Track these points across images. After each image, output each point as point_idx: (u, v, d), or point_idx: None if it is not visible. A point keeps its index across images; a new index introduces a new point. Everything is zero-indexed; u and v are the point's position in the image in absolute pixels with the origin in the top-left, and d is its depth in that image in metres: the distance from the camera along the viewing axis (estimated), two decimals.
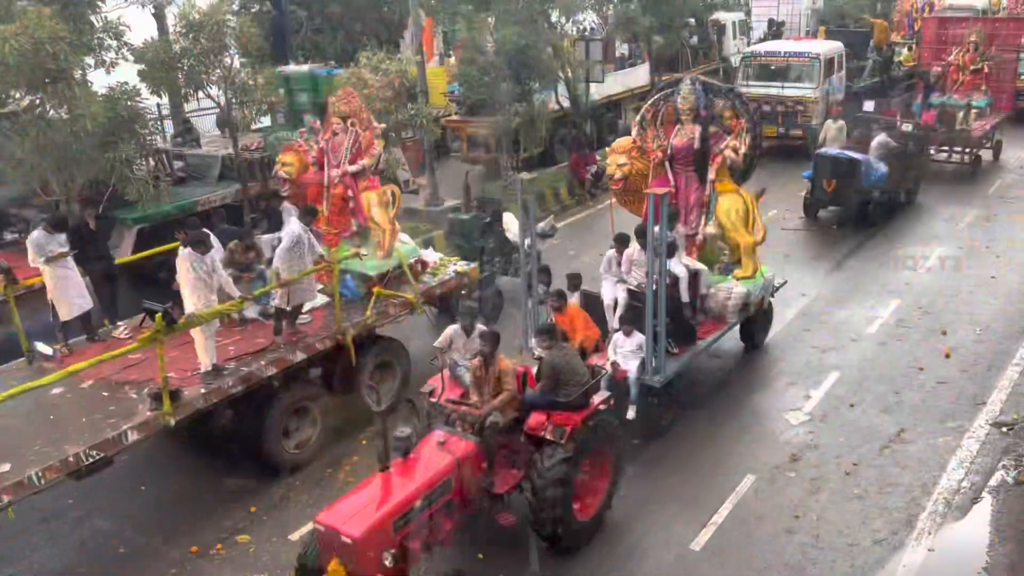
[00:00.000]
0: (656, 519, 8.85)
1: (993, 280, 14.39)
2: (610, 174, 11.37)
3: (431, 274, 12.00)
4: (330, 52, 28.76)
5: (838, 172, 16.61)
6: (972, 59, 21.20)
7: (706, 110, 11.12)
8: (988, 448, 9.82)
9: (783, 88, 22.40)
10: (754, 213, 11.37)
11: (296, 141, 11.80)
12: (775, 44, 25.95)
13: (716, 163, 11.09)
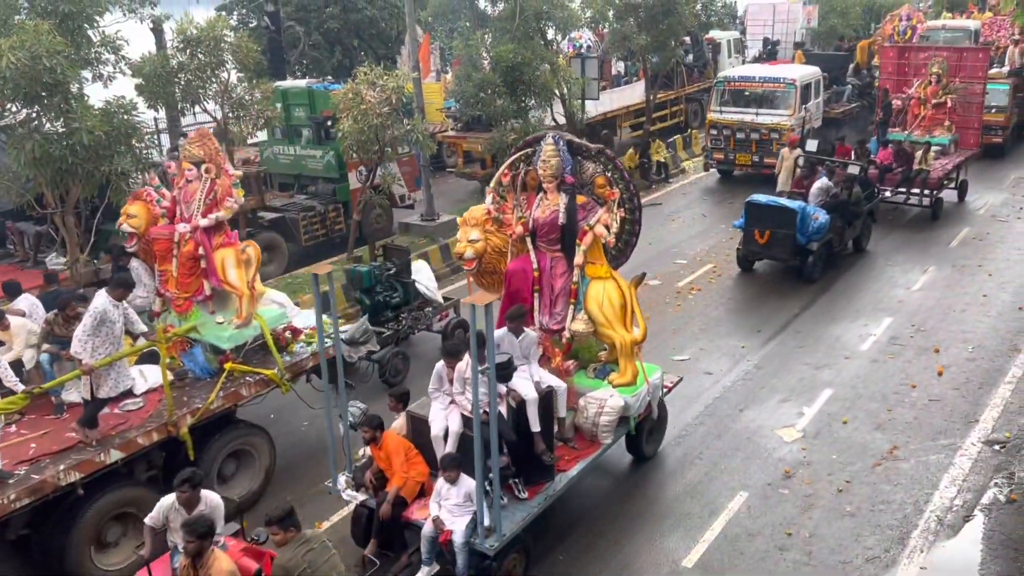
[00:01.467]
0: (648, 536, 8.84)
1: (985, 299, 14.45)
2: (459, 253, 9.29)
3: (305, 342, 10.16)
4: (328, 67, 28.98)
5: (771, 221, 14.92)
6: (935, 92, 19.87)
7: (573, 176, 9.17)
8: (980, 466, 9.83)
9: (757, 115, 21.55)
10: (632, 304, 9.35)
11: (144, 189, 10.29)
12: (749, 69, 25.14)
13: (585, 242, 9.07)
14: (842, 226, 15.69)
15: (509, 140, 18.34)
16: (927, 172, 18.11)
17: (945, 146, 19.46)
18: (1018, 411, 10.93)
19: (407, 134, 15.29)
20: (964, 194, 19.91)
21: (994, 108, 22.43)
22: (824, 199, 15.37)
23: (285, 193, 18.28)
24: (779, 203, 15.03)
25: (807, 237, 14.84)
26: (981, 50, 21.02)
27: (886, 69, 22.06)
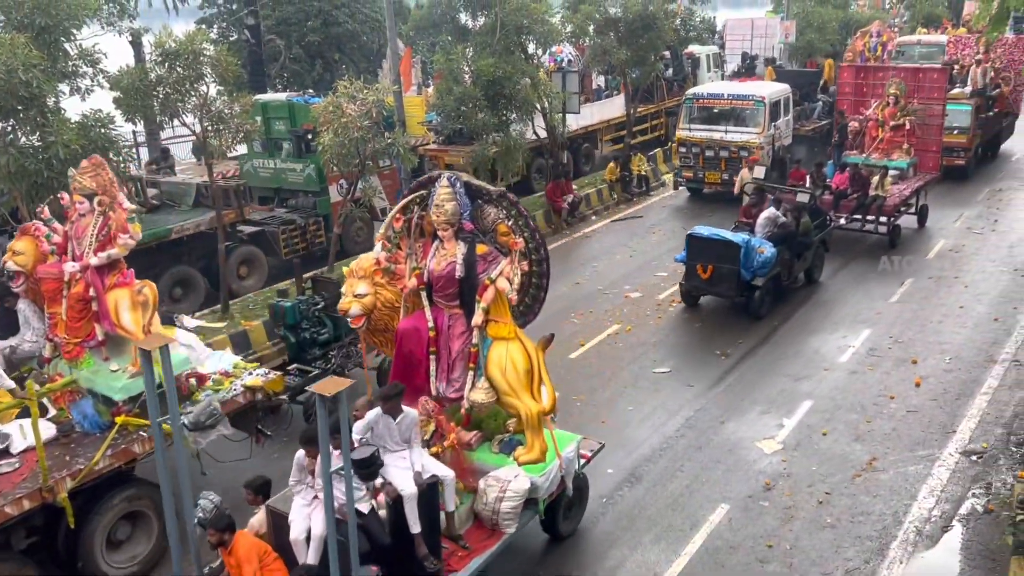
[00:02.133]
0: (630, 548, 8.82)
1: (962, 310, 14.59)
2: (343, 309, 8.26)
3: (212, 390, 9.13)
4: (308, 81, 28.98)
5: (714, 256, 14.06)
6: (892, 113, 19.12)
7: (473, 222, 8.21)
8: (958, 476, 9.90)
9: (727, 132, 21.08)
10: (539, 369, 8.25)
11: (32, 223, 9.45)
12: (718, 86, 24.73)
13: (486, 298, 8.01)
14: (791, 259, 14.85)
15: (491, 153, 18.41)
16: (883, 198, 17.33)
17: (903, 170, 18.79)
18: (994, 421, 11.04)
19: (388, 147, 15.27)
20: (924, 219, 19.20)
21: (956, 129, 21.81)
22: (771, 230, 14.54)
23: (265, 206, 18.20)
24: (722, 236, 14.12)
25: (752, 272, 13.95)
26: (939, 70, 20.08)
27: (843, 89, 21.19)
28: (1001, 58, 25.28)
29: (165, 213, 15.63)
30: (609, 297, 15.71)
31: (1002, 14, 16.97)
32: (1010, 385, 11.96)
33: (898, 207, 17.77)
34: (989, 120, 23.77)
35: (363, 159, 15.05)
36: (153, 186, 16.55)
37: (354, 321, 8.25)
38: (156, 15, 27.91)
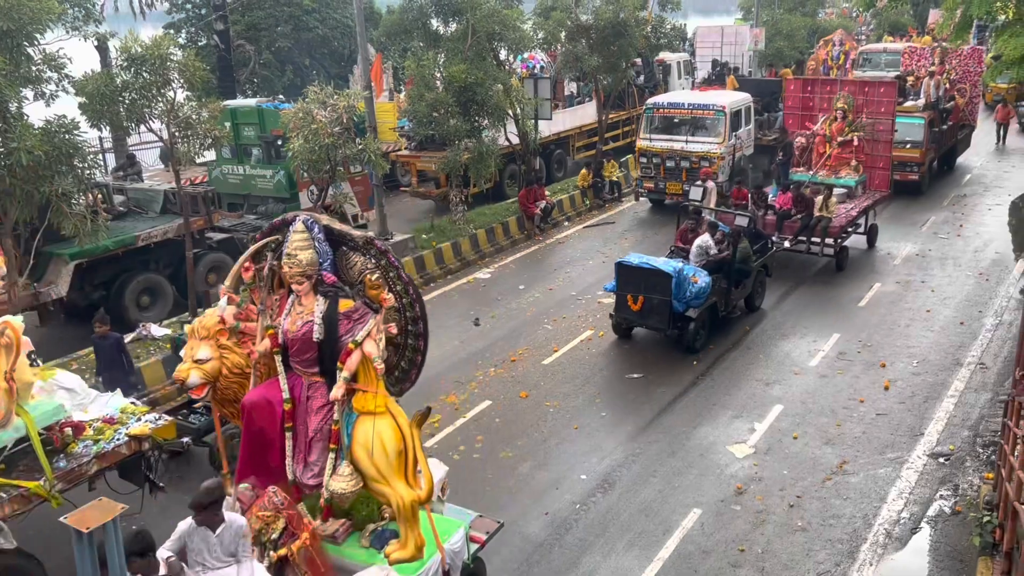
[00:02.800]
0: (604, 555, 8.80)
1: (929, 314, 14.80)
2: (179, 378, 7.04)
3: (92, 440, 7.99)
4: (279, 86, 28.79)
5: (644, 286, 13.11)
6: (840, 129, 18.30)
7: (335, 273, 6.98)
8: (926, 479, 10.01)
9: (687, 142, 20.57)
10: (415, 449, 6.97)
11: None
12: (679, 95, 23.95)
13: (349, 365, 6.68)
14: (727, 287, 13.94)
15: (463, 159, 18.39)
16: (828, 220, 16.40)
17: (852, 188, 18.05)
18: (961, 424, 11.18)
19: (359, 153, 15.19)
20: (874, 240, 18.40)
21: (909, 143, 21.33)
22: (705, 258, 13.67)
23: (234, 213, 18.01)
24: (652, 265, 13.08)
25: (685, 303, 13.03)
26: (888, 83, 19.08)
27: (788, 103, 20.12)
28: (956, 69, 24.98)
29: (132, 220, 15.41)
30: (582, 303, 15.73)
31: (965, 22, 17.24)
32: (976, 388, 12.13)
33: (844, 228, 16.81)
34: (943, 133, 23.27)
35: (334, 165, 14.97)
36: (120, 192, 16.30)
37: (195, 391, 7.01)
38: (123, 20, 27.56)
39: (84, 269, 14.02)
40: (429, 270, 17.48)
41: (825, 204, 16.51)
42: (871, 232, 18.38)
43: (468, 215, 19.62)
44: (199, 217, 15.33)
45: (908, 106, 22.19)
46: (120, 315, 14.49)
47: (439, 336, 14.40)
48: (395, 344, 7.18)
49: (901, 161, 20.88)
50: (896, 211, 18.93)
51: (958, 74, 24.94)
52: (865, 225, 18.09)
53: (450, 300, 16.32)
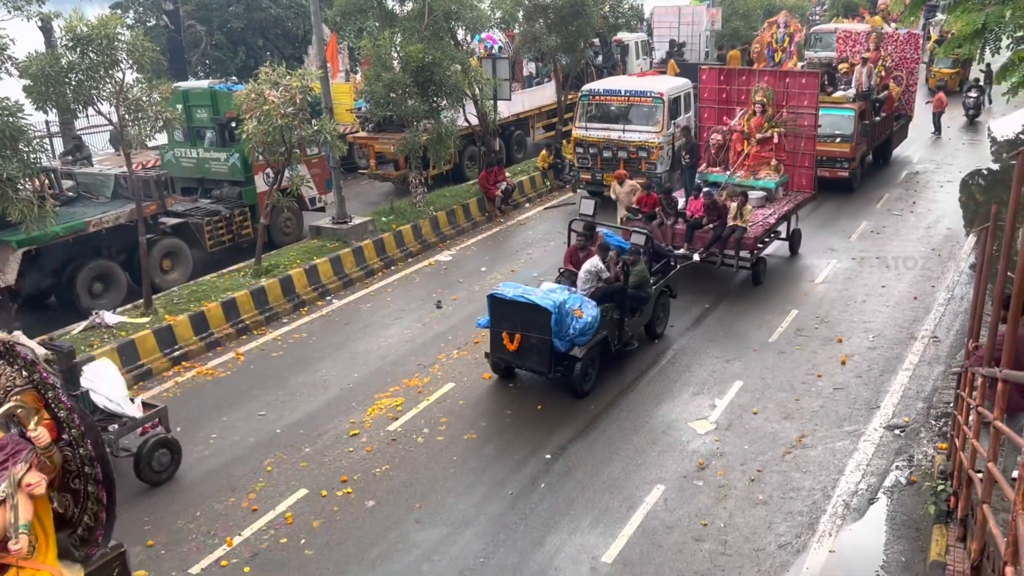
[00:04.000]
0: (568, 532, 8.84)
1: (884, 289, 15.06)
2: None
3: None
4: (232, 68, 28.22)
5: (520, 323, 11.17)
6: (759, 124, 16.65)
7: None
8: (882, 450, 10.22)
9: (624, 131, 19.46)
10: None
11: None
12: (615, 81, 22.22)
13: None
14: (620, 318, 12.00)
15: (422, 141, 18.21)
16: (743, 229, 14.71)
17: (771, 191, 16.55)
18: (916, 396, 11.43)
19: (315, 135, 14.95)
20: (797, 246, 16.89)
21: (838, 137, 19.95)
22: (594, 285, 11.77)
23: (188, 197, 17.66)
24: (528, 300, 11.05)
25: (568, 341, 11.11)
26: (810, 74, 17.35)
27: (704, 96, 17.96)
28: (892, 55, 23.42)
29: (82, 205, 15.02)
30: None
31: (917, 1, 17.43)
32: (929, 360, 12.40)
33: (761, 239, 15.16)
34: (876, 126, 21.69)
35: (289, 147, 14.73)
36: (68, 177, 15.87)
37: None
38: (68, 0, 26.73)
39: (33, 257, 13.64)
40: (390, 253, 17.32)
41: (739, 212, 14.81)
42: (794, 238, 16.80)
43: (428, 197, 19.47)
44: (152, 202, 14.99)
45: (837, 96, 21.03)
46: (72, 303, 14.17)
47: (402, 320, 14.33)
48: (73, 491, 5.40)
49: (830, 157, 19.76)
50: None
51: (894, 61, 23.42)
52: (787, 230, 16.61)
53: (412, 283, 16.20)
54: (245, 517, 9.24)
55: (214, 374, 12.63)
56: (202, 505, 9.48)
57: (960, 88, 31.76)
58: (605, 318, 11.60)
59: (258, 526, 9.07)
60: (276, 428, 11.02)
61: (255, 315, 14.32)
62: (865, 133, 20.76)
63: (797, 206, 16.64)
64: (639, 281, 12.29)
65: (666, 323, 13.46)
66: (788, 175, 16.94)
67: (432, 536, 8.83)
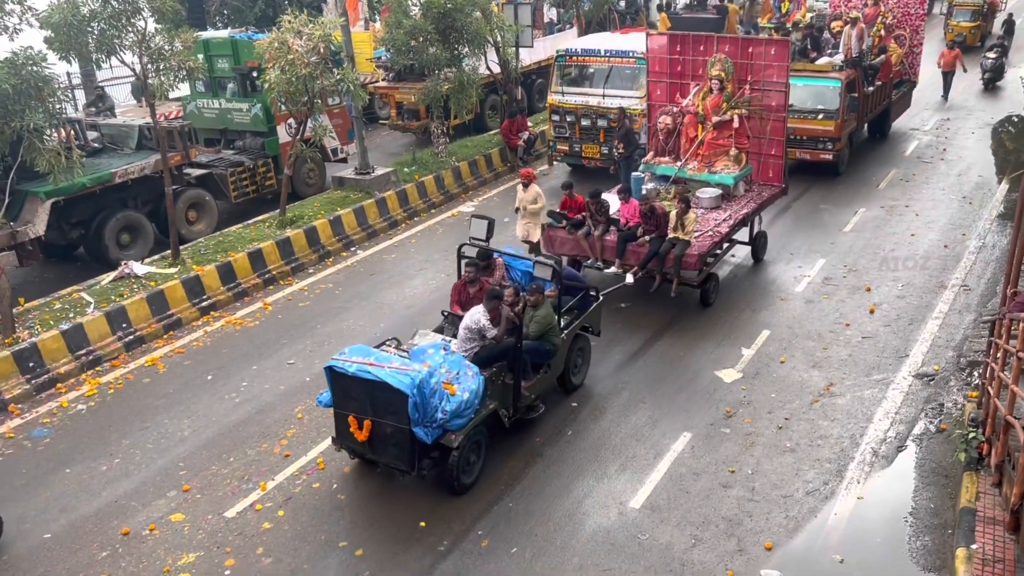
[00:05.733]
0: (596, 479, 8.92)
1: (913, 238, 14.85)
2: None
3: None
4: (250, 17, 27.92)
5: (371, 405, 8.35)
6: (716, 105, 13.52)
7: None
8: (911, 399, 10.17)
9: (604, 97, 17.37)
10: None
11: None
12: (594, 40, 19.75)
13: None
14: (515, 382, 9.20)
15: (443, 90, 18.01)
16: (685, 243, 11.82)
17: (729, 187, 13.51)
18: (945, 345, 11.33)
19: (337, 84, 14.82)
20: (762, 252, 14.06)
21: (821, 113, 17.18)
22: (477, 344, 8.97)
23: (211, 148, 17.64)
24: (376, 377, 8.12)
25: (438, 428, 8.23)
26: (778, 42, 13.75)
27: (652, 68, 14.63)
28: (893, 11, 20.04)
29: (108, 156, 15.04)
30: None
31: None
32: (960, 309, 12.27)
33: (707, 256, 12.18)
34: (870, 97, 18.59)
35: (311, 97, 14.62)
36: (93, 129, 15.87)
37: None
38: None
39: (61, 208, 13.74)
40: (412, 204, 17.27)
41: (680, 222, 11.94)
42: (757, 243, 13.96)
43: (450, 147, 19.33)
44: (176, 153, 14.99)
45: (822, 64, 17.89)
46: (101, 254, 14.29)
47: (426, 271, 14.34)
48: None
49: (811, 136, 17.21)
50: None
51: (895, 17, 20.08)
52: (751, 234, 13.86)
53: (435, 234, 16.18)
54: (278, 463, 9.40)
55: (243, 324, 12.74)
56: (235, 451, 9.64)
57: (981, 43, 30.00)
58: (494, 384, 8.98)
59: (291, 471, 9.23)
60: (305, 376, 11.13)
61: (281, 266, 14.39)
62: (854, 107, 17.75)
63: (761, 205, 13.66)
64: (543, 329, 9.35)
65: (586, 370, 10.74)
66: (752, 166, 13.97)
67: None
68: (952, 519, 7.95)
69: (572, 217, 12.79)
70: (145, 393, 10.94)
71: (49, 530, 8.47)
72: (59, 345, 11.36)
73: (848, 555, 7.75)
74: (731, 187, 13.56)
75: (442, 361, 8.62)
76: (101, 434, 10.07)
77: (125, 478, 9.25)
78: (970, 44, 29.91)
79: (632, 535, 8.11)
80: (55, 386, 11.06)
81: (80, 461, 9.57)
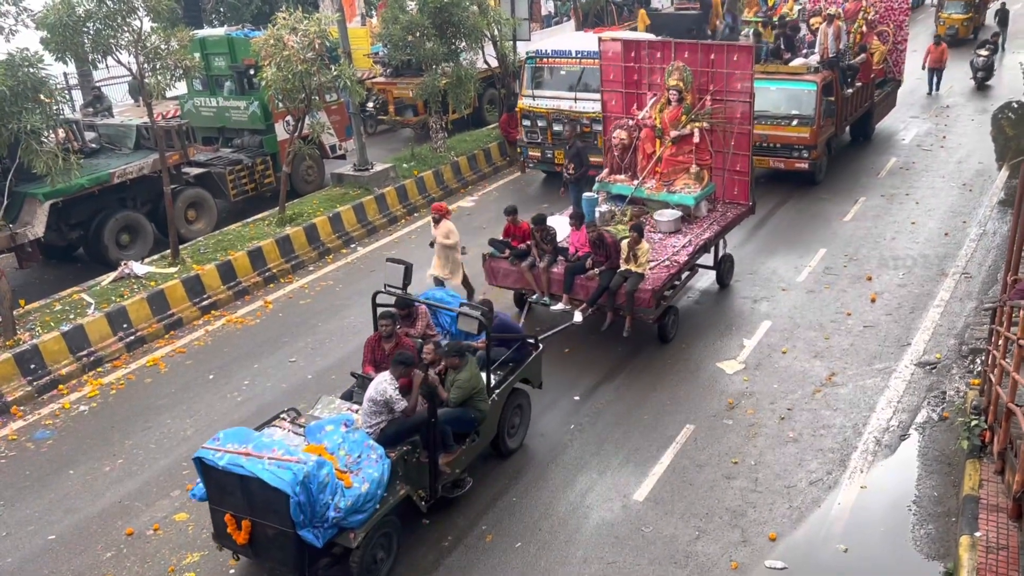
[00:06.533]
0: (600, 472, 8.92)
1: (913, 226, 14.83)
2: None
3: None
4: (246, 15, 27.84)
5: (248, 503, 7.08)
6: (675, 118, 12.36)
7: None
8: (913, 387, 10.17)
9: (576, 100, 16.36)
10: None
11: None
12: (565, 41, 18.58)
13: None
14: (431, 459, 7.86)
15: (441, 84, 17.96)
16: (638, 277, 10.64)
17: (690, 208, 12.34)
18: (947, 333, 11.32)
19: (334, 80, 14.79)
20: (728, 277, 12.92)
21: (795, 119, 16.13)
22: (383, 417, 7.68)
23: (209, 147, 17.62)
24: (251, 472, 6.84)
25: (329, 526, 6.97)
26: (742, 48, 12.59)
27: (607, 76, 13.36)
28: (876, 6, 19.16)
29: (106, 157, 15.02)
30: None
31: None
32: (961, 297, 12.25)
33: (664, 289, 10.95)
34: (849, 100, 17.54)
35: (309, 94, 14.59)
36: (91, 129, 15.85)
37: None
38: None
39: (60, 209, 13.72)
40: (412, 199, 17.26)
41: (632, 252, 10.75)
42: (722, 267, 12.81)
43: (448, 142, 19.30)
44: (174, 152, 14.97)
45: (796, 65, 16.85)
46: (100, 254, 14.29)
47: (426, 268, 14.30)
48: None
49: (785, 143, 16.22)
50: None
51: (877, 13, 19.20)
52: (715, 258, 12.71)
53: None
54: None
55: (243, 322, 12.74)
56: None
57: (974, 35, 29.19)
58: (406, 464, 7.72)
59: None
60: (308, 374, 11.14)
61: (281, 263, 14.39)
62: (831, 112, 16.55)
63: (725, 227, 12.41)
64: (466, 395, 8.13)
65: (525, 431, 9.42)
66: (715, 184, 12.80)
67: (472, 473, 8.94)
68: (955, 507, 7.94)
69: (516, 246, 11.53)
70: (147, 393, 10.95)
71: (54, 531, 8.49)
72: (60, 346, 11.37)
73: (852, 544, 7.76)
74: (692, 208, 12.38)
75: (341, 442, 7.28)
76: (104, 435, 10.09)
77: (128, 478, 9.26)
78: (962, 37, 29.03)
79: (636, 528, 8.11)
80: (57, 387, 11.07)
81: (83, 462, 9.59)
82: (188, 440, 9.86)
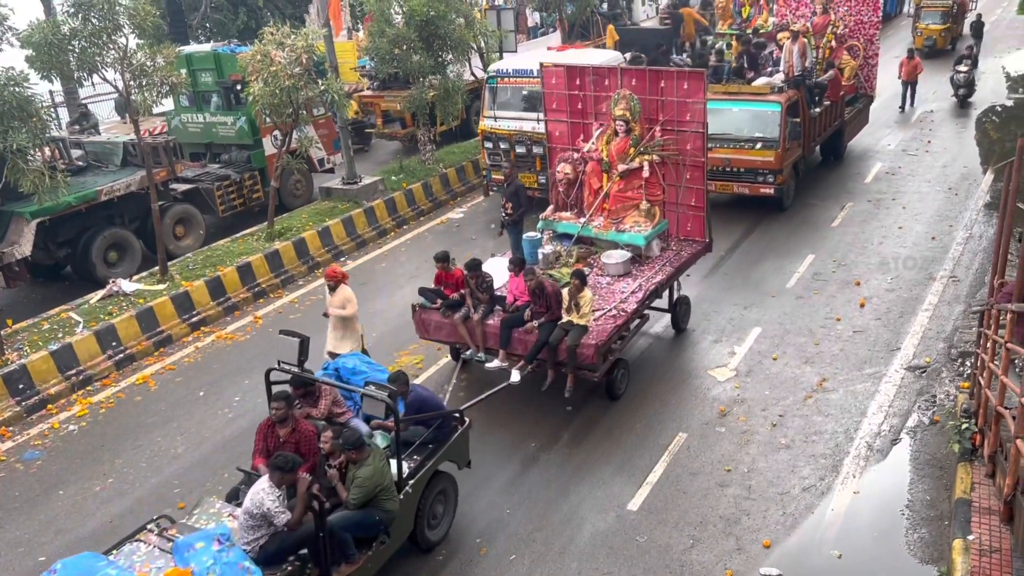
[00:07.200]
0: (593, 483, 8.91)
1: (901, 230, 14.91)
2: None
3: None
4: (233, 30, 27.87)
5: None
6: (622, 150, 11.42)
7: None
8: (904, 391, 10.20)
9: (539, 120, 14.69)
10: None
11: None
12: (527, 59, 17.14)
13: None
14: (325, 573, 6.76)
15: (428, 97, 18.00)
16: (581, 330, 9.59)
17: (641, 248, 11.30)
18: (936, 336, 11.38)
19: (322, 95, 14.81)
20: (684, 321, 11.97)
21: (759, 142, 15.22)
22: (264, 532, 6.59)
23: (197, 163, 17.58)
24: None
25: None
26: (692, 74, 11.38)
27: (550, 105, 12.46)
28: (844, 19, 18.37)
29: (93, 174, 14.97)
30: None
31: None
32: (949, 301, 12.32)
33: (611, 341, 9.88)
34: (817, 119, 16.74)
35: (296, 108, 14.59)
36: (77, 147, 15.81)
37: None
38: None
39: (47, 227, 13.66)
40: (401, 212, 17.26)
41: (574, 301, 9.67)
42: (678, 309, 11.86)
43: (437, 154, 19.33)
44: (162, 168, 14.93)
45: (759, 85, 15.99)
46: (89, 272, 14.22)
47: (416, 281, 14.31)
48: None
49: (749, 168, 15.33)
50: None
51: (847, 27, 18.43)
52: (670, 300, 11.73)
53: (424, 242, 16.16)
54: None
55: (233, 338, 12.69)
56: (230, 467, 9.57)
57: (952, 46, 28.91)
58: None
59: None
60: None
61: (271, 278, 14.35)
62: (796, 135, 15.61)
63: (680, 268, 11.41)
64: (368, 495, 6.97)
65: (451, 519, 8.25)
66: (667, 220, 11.79)
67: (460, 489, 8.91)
68: (948, 511, 7.96)
69: (449, 295, 10.50)
70: (137, 411, 10.89)
71: (44, 553, 8.42)
72: (49, 366, 11.30)
73: (846, 550, 7.77)
74: (643, 248, 11.32)
75: (212, 563, 6.03)
76: (94, 454, 10.02)
77: (119, 498, 9.20)
78: (940, 48, 28.65)
79: (630, 537, 8.10)
80: (46, 407, 11.00)
81: (73, 482, 9.52)
82: (179, 458, 9.80)
